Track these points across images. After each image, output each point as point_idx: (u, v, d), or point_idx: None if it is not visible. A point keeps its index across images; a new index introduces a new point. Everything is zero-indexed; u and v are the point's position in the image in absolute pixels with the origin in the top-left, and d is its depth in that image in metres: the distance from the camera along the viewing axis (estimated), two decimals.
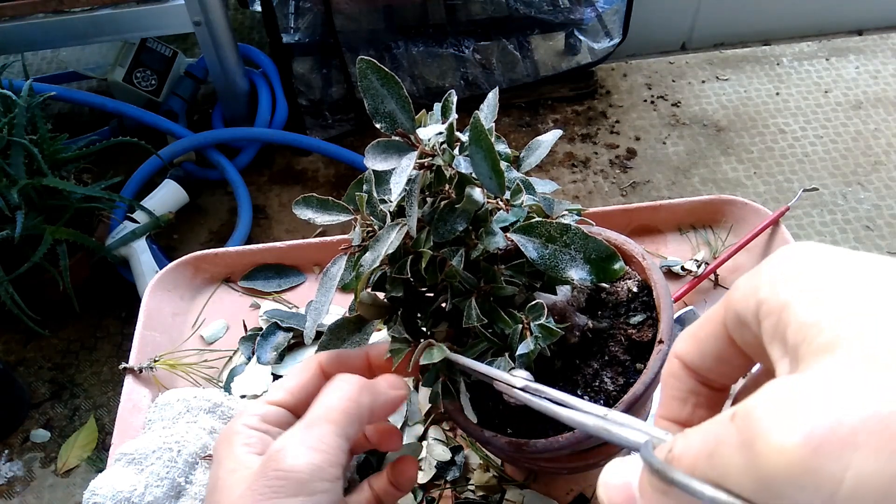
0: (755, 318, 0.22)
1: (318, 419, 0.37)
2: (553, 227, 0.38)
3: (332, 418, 0.37)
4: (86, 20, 1.57)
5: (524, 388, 0.35)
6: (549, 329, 0.38)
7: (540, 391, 0.35)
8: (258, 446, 0.38)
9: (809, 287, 0.21)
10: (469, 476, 0.56)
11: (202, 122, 1.91)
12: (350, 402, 0.38)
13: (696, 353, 0.26)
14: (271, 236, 1.69)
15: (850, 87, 1.96)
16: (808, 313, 0.20)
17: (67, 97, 1.68)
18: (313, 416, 0.37)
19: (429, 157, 0.37)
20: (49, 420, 1.40)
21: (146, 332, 0.65)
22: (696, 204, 0.73)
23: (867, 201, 1.70)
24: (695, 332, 0.26)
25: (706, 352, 0.26)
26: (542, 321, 0.38)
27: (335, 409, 0.37)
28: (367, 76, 0.37)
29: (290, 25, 1.75)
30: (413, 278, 0.39)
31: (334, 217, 0.42)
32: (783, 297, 0.21)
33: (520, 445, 0.42)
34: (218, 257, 0.71)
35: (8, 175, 1.27)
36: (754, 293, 0.23)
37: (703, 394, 0.27)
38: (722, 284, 0.68)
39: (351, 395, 0.38)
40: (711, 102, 1.95)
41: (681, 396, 0.27)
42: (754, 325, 0.22)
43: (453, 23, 1.85)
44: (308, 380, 0.41)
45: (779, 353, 0.21)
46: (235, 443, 0.38)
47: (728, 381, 0.27)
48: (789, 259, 0.23)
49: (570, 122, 1.91)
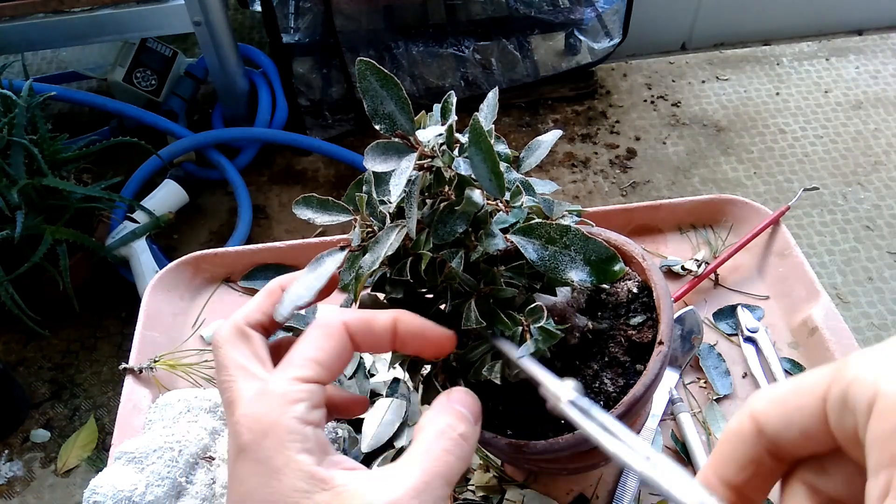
0: (867, 410, 0.20)
1: (434, 475, 0.31)
2: (553, 229, 0.38)
3: (445, 476, 0.31)
4: (86, 20, 1.57)
5: (572, 402, 0.33)
6: (549, 332, 0.38)
7: (587, 410, 0.32)
8: (317, 452, 0.31)
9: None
10: (469, 476, 0.56)
11: (202, 122, 1.91)
12: (454, 458, 0.32)
13: (781, 421, 0.23)
14: (271, 236, 1.69)
15: (850, 87, 1.95)
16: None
17: (67, 97, 1.68)
18: (424, 471, 0.31)
19: (428, 159, 0.37)
20: (49, 420, 1.40)
21: (146, 332, 0.65)
22: (696, 203, 0.73)
23: (867, 201, 1.70)
24: (783, 396, 0.23)
25: (793, 423, 0.23)
26: (542, 323, 0.38)
27: (445, 465, 0.32)
28: (367, 77, 0.37)
29: (290, 25, 1.75)
30: (413, 280, 0.39)
31: (334, 217, 0.41)
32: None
33: (520, 446, 0.42)
34: (218, 257, 0.71)
35: (8, 175, 1.27)
36: (875, 382, 0.20)
37: (766, 464, 0.24)
38: (722, 284, 0.68)
39: (454, 447, 0.33)
40: (711, 102, 1.95)
41: (740, 461, 0.24)
42: (863, 416, 0.20)
43: (453, 23, 1.85)
44: (338, 347, 0.35)
45: (880, 460, 0.19)
46: (291, 446, 0.31)
47: (802, 455, 0.24)
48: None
49: (570, 122, 1.91)
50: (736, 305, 0.66)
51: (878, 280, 1.54)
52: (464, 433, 0.33)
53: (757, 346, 0.63)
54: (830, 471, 0.23)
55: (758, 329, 0.63)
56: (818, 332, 0.61)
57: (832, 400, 0.22)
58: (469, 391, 0.36)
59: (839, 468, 0.23)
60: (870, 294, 1.52)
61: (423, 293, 0.42)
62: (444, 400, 0.35)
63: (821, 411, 0.22)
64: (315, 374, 0.33)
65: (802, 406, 0.23)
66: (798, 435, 0.23)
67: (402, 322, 0.36)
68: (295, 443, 0.31)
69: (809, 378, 0.23)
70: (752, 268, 0.69)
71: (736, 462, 0.25)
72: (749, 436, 0.24)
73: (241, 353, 0.36)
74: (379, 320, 0.36)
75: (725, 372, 0.62)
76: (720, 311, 0.66)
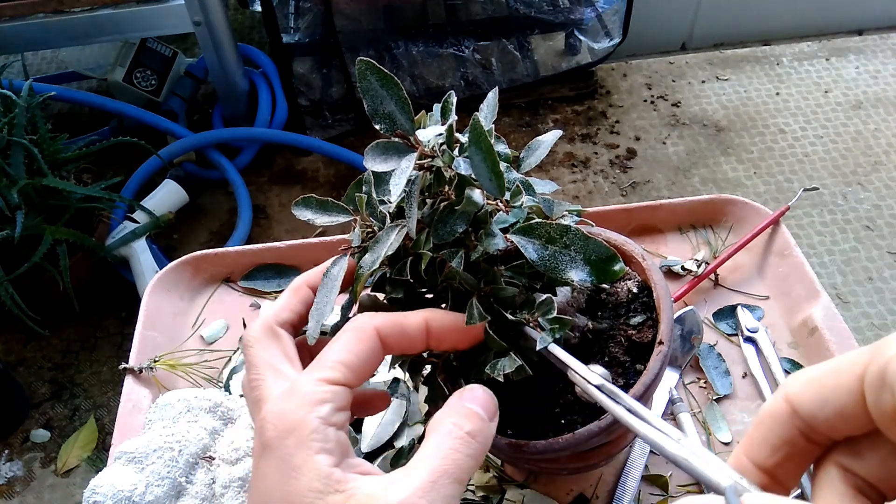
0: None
1: (442, 474, 0.31)
2: (553, 229, 0.38)
3: (453, 474, 0.31)
4: (86, 20, 1.57)
5: (599, 387, 0.34)
6: (562, 320, 0.38)
7: (615, 394, 0.33)
8: (336, 453, 0.32)
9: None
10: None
11: (202, 122, 1.91)
12: (462, 457, 0.32)
13: (816, 401, 0.23)
14: (271, 236, 1.69)
15: (850, 87, 1.95)
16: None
17: (67, 97, 1.68)
18: (433, 470, 0.31)
19: (428, 159, 0.37)
20: (49, 420, 1.40)
21: (146, 332, 0.65)
22: (696, 203, 0.73)
23: (867, 201, 1.70)
24: (819, 377, 0.23)
25: (829, 403, 0.23)
26: (553, 315, 0.38)
27: (456, 466, 0.32)
28: (367, 77, 0.37)
29: (290, 25, 1.75)
30: (413, 280, 0.39)
31: (334, 218, 0.42)
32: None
33: (520, 446, 0.42)
34: (218, 257, 0.71)
35: (8, 175, 1.27)
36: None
37: (800, 446, 0.24)
38: (722, 284, 0.68)
39: (462, 446, 0.33)
40: (711, 102, 1.95)
41: (774, 443, 0.24)
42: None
43: (453, 23, 1.85)
44: (367, 351, 0.35)
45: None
46: (311, 445, 0.31)
47: (837, 438, 0.24)
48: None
49: (570, 122, 1.91)
50: (736, 305, 0.66)
51: (878, 280, 1.54)
52: (472, 430, 0.33)
53: (757, 346, 0.63)
54: (865, 453, 0.23)
55: (758, 329, 0.63)
56: (818, 332, 0.61)
57: (870, 378, 0.21)
58: (484, 388, 0.36)
59: (874, 450, 0.23)
60: (870, 294, 1.52)
61: (424, 293, 0.42)
62: (457, 399, 0.35)
63: (858, 390, 0.22)
64: (343, 376, 0.34)
65: (839, 385, 0.22)
66: (834, 415, 0.23)
67: (435, 320, 0.37)
68: (316, 442, 0.31)
69: (846, 358, 0.23)
70: (752, 268, 0.69)
71: (769, 444, 0.25)
72: (783, 417, 0.24)
73: (270, 353, 0.37)
74: (411, 321, 0.36)
75: (725, 372, 0.62)
76: (720, 311, 0.66)
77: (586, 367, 0.36)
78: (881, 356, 0.21)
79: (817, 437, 0.24)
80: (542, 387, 0.44)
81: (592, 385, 0.35)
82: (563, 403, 0.43)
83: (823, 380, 0.23)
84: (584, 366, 0.36)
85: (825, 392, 0.23)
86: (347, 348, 0.35)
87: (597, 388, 0.34)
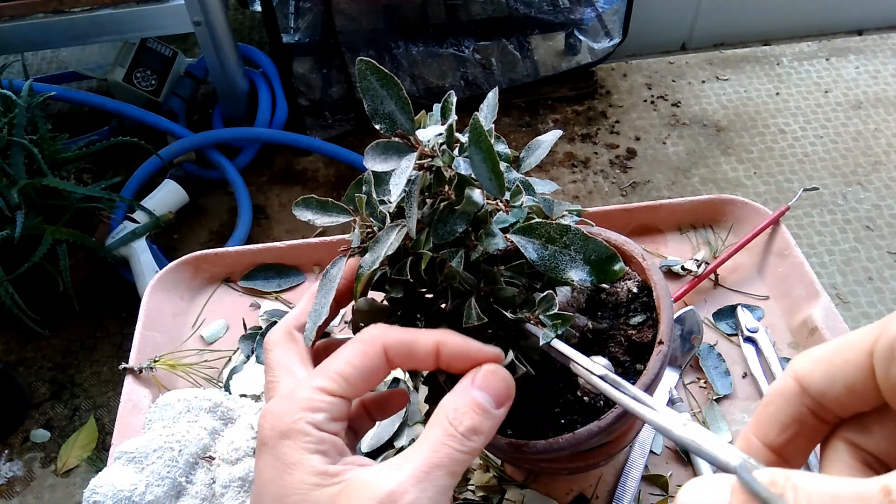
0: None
1: (435, 466, 0.32)
2: (553, 229, 0.38)
3: (447, 467, 0.32)
4: (86, 20, 1.57)
5: (603, 377, 0.35)
6: (564, 316, 0.38)
7: (618, 383, 0.34)
8: (332, 455, 0.33)
9: None
10: (469, 476, 0.56)
11: (202, 122, 1.91)
12: (462, 452, 0.33)
13: (825, 378, 0.23)
14: (271, 236, 1.69)
15: (850, 87, 1.96)
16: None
17: (67, 97, 1.68)
18: (426, 461, 0.32)
19: (428, 159, 0.37)
20: (49, 420, 1.41)
21: (146, 332, 0.65)
22: (696, 204, 0.73)
23: (867, 201, 1.70)
24: (827, 355, 0.24)
25: (837, 379, 0.23)
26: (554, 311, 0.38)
27: (446, 457, 0.32)
28: (367, 77, 0.37)
29: (290, 25, 1.75)
30: (413, 279, 0.39)
31: (334, 218, 0.42)
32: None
33: (520, 446, 0.42)
34: (218, 257, 0.71)
35: (8, 175, 1.27)
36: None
37: (808, 424, 0.24)
38: (722, 284, 0.68)
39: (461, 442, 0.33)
40: (711, 102, 1.95)
41: (783, 421, 0.25)
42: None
43: (453, 23, 1.85)
44: (370, 367, 0.35)
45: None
46: (305, 447, 0.32)
47: (846, 415, 0.24)
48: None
49: (570, 122, 1.91)
50: (736, 305, 0.66)
51: (878, 280, 1.54)
52: (471, 426, 0.33)
53: (757, 346, 0.63)
54: (873, 428, 0.23)
55: (758, 329, 0.63)
56: (818, 332, 0.61)
57: (879, 351, 0.22)
58: (498, 370, 0.35)
59: (882, 426, 0.23)
60: (870, 294, 1.52)
61: (424, 293, 0.42)
62: (468, 383, 0.35)
63: (866, 365, 0.22)
64: (340, 388, 0.34)
65: (847, 361, 0.23)
66: (842, 391, 0.23)
67: (446, 345, 0.36)
68: (310, 444, 0.33)
69: (854, 335, 0.23)
70: (752, 268, 0.69)
71: (778, 422, 0.25)
72: (792, 395, 0.24)
73: (287, 355, 0.39)
74: (421, 343, 0.36)
75: (725, 372, 0.62)
76: (720, 311, 0.66)
77: (588, 358, 0.36)
78: (889, 330, 0.21)
79: (826, 415, 0.24)
80: (542, 386, 0.44)
81: (596, 375, 0.35)
82: (563, 403, 0.43)
83: (832, 357, 0.23)
84: (586, 358, 0.36)
85: (834, 369, 0.23)
86: (351, 361, 0.35)
87: (601, 379, 0.35)
